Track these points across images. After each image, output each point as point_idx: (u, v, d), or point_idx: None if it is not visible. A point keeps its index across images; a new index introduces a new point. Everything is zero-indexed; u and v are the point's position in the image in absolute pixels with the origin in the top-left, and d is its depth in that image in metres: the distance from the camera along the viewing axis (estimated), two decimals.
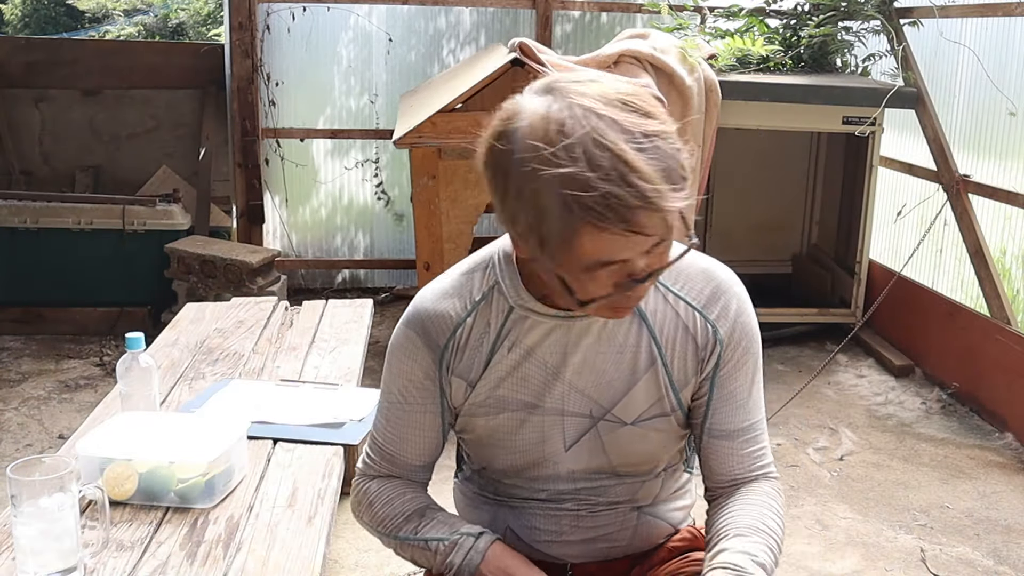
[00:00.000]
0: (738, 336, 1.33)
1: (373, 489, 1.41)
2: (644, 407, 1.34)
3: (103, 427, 1.72)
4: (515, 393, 1.33)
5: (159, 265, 4.39)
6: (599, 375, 1.32)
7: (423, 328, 1.34)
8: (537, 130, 1.07)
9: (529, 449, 1.36)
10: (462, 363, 1.33)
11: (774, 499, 1.36)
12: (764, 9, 4.60)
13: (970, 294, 4.08)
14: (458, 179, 3.61)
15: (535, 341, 1.31)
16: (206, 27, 12.36)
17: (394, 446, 1.40)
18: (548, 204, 1.07)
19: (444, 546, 1.33)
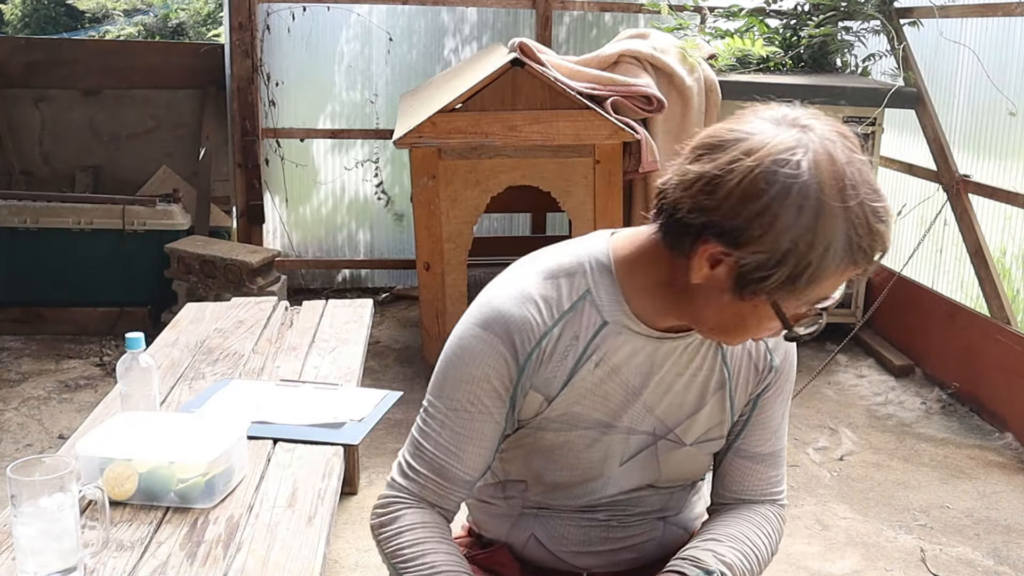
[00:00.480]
0: (787, 366, 1.36)
1: (408, 521, 1.29)
2: (704, 429, 1.35)
3: (103, 427, 1.72)
4: (592, 411, 1.28)
5: (159, 265, 4.39)
6: (673, 396, 1.31)
7: (507, 333, 1.23)
8: (825, 168, 1.05)
9: (591, 467, 1.33)
10: (543, 376, 1.25)
11: (770, 522, 1.38)
12: (764, 9, 4.60)
13: (970, 294, 4.08)
14: (458, 179, 3.61)
15: (622, 359, 1.26)
16: (206, 27, 12.36)
17: (448, 457, 1.29)
18: (832, 239, 1.05)
19: None
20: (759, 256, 1.06)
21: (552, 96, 3.55)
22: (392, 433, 3.43)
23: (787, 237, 1.05)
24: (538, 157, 3.62)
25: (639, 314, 1.24)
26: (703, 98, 3.82)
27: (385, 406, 2.08)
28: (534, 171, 3.64)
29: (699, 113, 3.81)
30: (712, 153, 1.08)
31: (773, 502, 1.41)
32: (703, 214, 1.08)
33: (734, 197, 1.06)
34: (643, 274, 1.22)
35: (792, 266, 1.06)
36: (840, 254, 1.05)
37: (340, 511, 2.84)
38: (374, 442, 3.33)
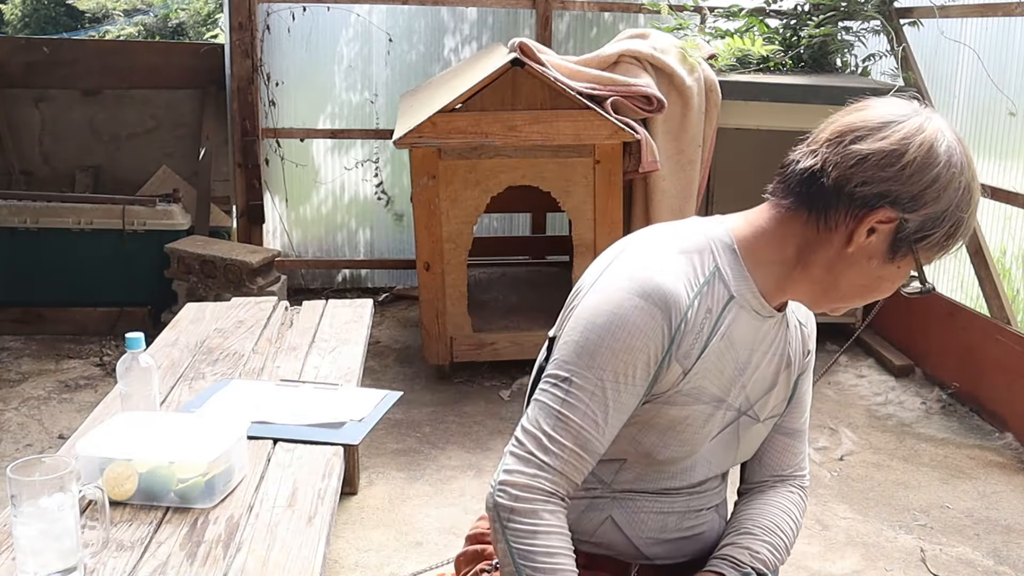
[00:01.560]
0: (814, 347, 1.50)
1: (551, 524, 1.26)
2: (773, 405, 1.44)
3: (103, 427, 1.72)
4: (711, 384, 1.33)
5: (159, 265, 4.39)
6: (760, 373, 1.39)
7: (665, 303, 1.25)
8: (962, 146, 1.29)
9: (696, 441, 1.37)
10: (684, 349, 1.29)
11: (797, 505, 1.50)
12: (764, 9, 4.59)
13: (970, 294, 4.08)
14: (458, 179, 3.61)
15: (738, 334, 1.33)
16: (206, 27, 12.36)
17: (595, 430, 1.27)
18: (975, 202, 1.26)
19: None
20: (928, 217, 1.23)
21: (552, 96, 3.55)
22: (392, 433, 3.43)
23: (951, 199, 1.23)
24: (538, 157, 3.62)
25: (763, 291, 1.33)
26: (703, 98, 3.82)
27: (385, 406, 2.08)
28: (534, 171, 3.64)
29: (699, 113, 3.81)
30: (877, 133, 1.24)
31: (800, 478, 1.52)
32: (879, 184, 1.22)
33: (914, 166, 1.22)
34: (767, 252, 1.32)
35: (950, 224, 1.23)
36: (975, 215, 1.26)
37: (340, 511, 2.84)
38: (374, 442, 3.33)
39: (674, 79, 3.77)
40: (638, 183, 3.87)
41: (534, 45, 3.59)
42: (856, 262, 1.26)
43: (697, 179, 3.87)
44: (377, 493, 3.05)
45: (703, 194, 4.02)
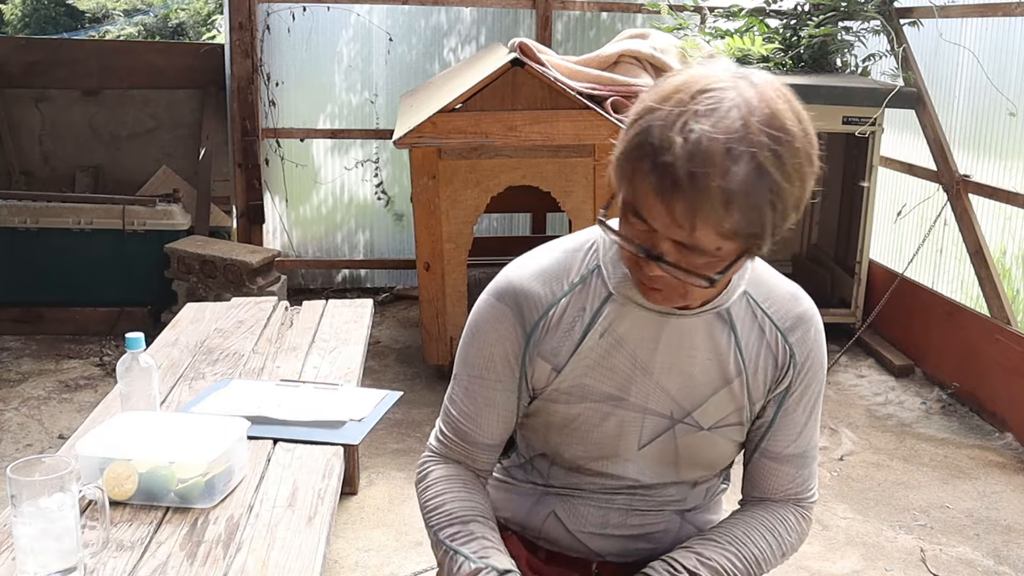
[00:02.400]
0: (811, 365, 1.35)
1: (435, 475, 1.41)
2: (723, 414, 1.35)
3: (103, 427, 1.72)
4: (601, 384, 1.32)
5: (159, 265, 4.39)
6: (687, 378, 1.32)
7: (516, 303, 1.31)
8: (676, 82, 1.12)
9: (604, 443, 1.36)
10: (549, 345, 1.31)
11: (784, 522, 1.39)
12: (764, 9, 4.60)
13: (970, 294, 4.08)
14: (458, 179, 3.61)
15: (627, 331, 1.29)
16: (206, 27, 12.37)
17: (469, 422, 1.38)
18: (635, 128, 1.09)
19: (467, 568, 1.29)
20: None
21: (552, 96, 3.55)
22: (392, 433, 3.43)
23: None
24: (538, 157, 3.62)
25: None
26: None
27: (385, 406, 2.08)
28: (534, 171, 3.64)
29: None
30: None
31: (797, 502, 1.42)
32: None
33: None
34: None
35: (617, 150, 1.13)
36: (635, 144, 1.08)
37: (340, 511, 2.84)
38: (374, 442, 3.34)
39: None
40: None
41: (534, 45, 3.60)
42: None
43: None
44: (377, 493, 3.05)
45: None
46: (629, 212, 1.13)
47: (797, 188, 1.08)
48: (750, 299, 1.33)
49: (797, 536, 1.41)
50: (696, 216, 1.05)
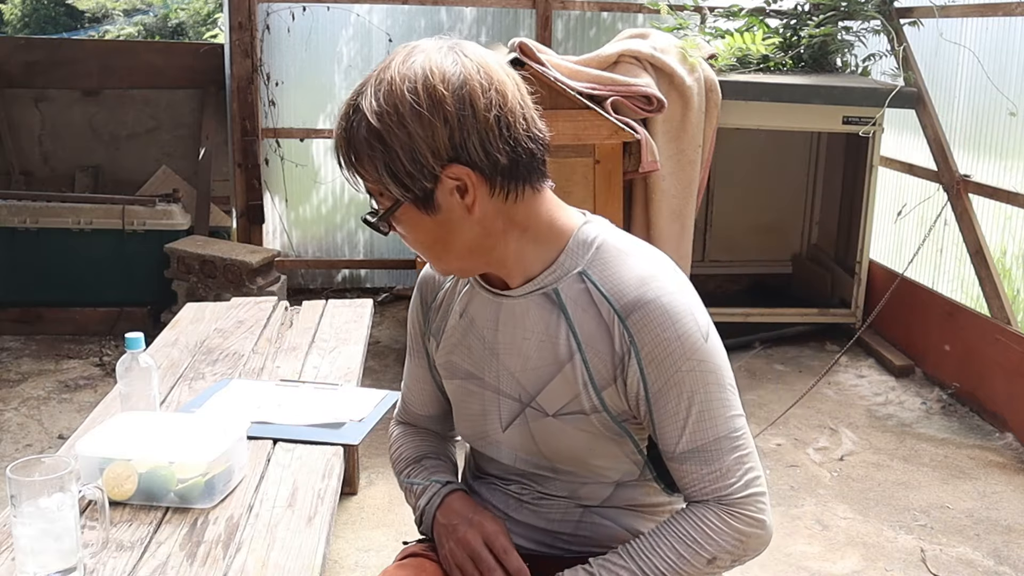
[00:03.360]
0: (663, 353, 1.26)
1: (394, 434, 1.62)
2: (564, 401, 1.32)
3: (103, 427, 1.72)
4: (463, 361, 1.42)
5: (159, 265, 4.39)
6: (525, 360, 1.34)
7: (419, 288, 1.50)
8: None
9: (474, 419, 1.45)
10: (434, 324, 1.47)
11: (697, 524, 1.29)
12: (764, 9, 4.59)
13: (970, 294, 4.08)
14: None
15: (476, 314, 1.39)
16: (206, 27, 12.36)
17: (408, 393, 1.59)
18: None
19: (419, 489, 1.50)
20: None
21: (552, 96, 3.55)
22: None
23: None
24: None
25: (482, 275, 1.39)
26: (703, 98, 3.82)
27: (385, 406, 2.08)
28: None
29: (699, 113, 3.81)
30: None
31: (718, 500, 1.29)
32: None
33: None
34: None
35: None
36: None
37: (340, 511, 2.84)
38: (374, 442, 3.33)
39: (674, 79, 3.77)
40: (638, 183, 3.87)
41: (534, 45, 3.59)
42: None
43: (697, 179, 3.87)
44: (377, 493, 3.05)
45: (703, 194, 4.02)
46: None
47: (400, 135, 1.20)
48: (588, 280, 1.29)
49: (728, 537, 1.29)
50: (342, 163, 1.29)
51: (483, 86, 1.20)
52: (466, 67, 1.21)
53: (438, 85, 1.19)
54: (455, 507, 1.44)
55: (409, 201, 1.24)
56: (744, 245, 4.96)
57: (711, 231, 4.91)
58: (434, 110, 1.18)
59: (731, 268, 4.95)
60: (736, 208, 4.92)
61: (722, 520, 1.29)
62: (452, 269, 1.37)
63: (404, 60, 1.22)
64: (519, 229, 1.29)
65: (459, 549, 1.40)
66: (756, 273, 5.00)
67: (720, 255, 4.94)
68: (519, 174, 1.25)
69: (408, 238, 1.31)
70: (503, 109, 1.21)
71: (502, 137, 1.21)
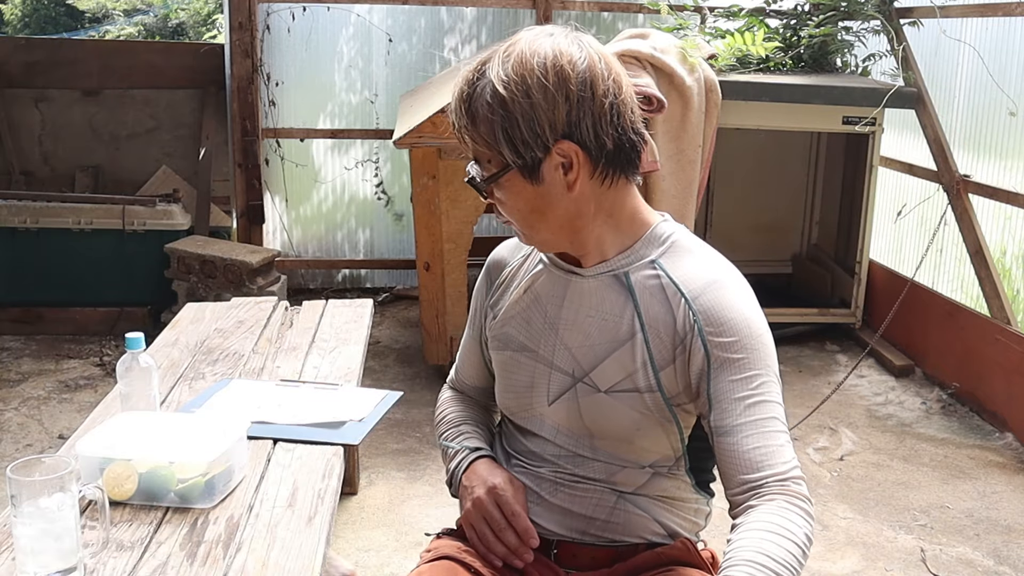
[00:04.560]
0: (728, 330, 1.31)
1: (443, 397, 1.71)
2: (619, 377, 1.38)
3: (103, 427, 1.72)
4: (518, 333, 1.47)
5: (159, 265, 4.39)
6: (585, 336, 1.40)
7: (487, 268, 1.58)
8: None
9: (521, 392, 1.47)
10: (497, 296, 1.54)
11: (784, 516, 1.24)
12: (764, 9, 4.60)
13: (970, 294, 4.08)
14: (458, 179, 3.61)
15: (542, 290, 1.45)
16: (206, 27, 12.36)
17: (459, 362, 1.68)
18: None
19: (451, 452, 1.57)
20: None
21: None
22: (392, 433, 3.43)
23: None
24: None
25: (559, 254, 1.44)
26: (703, 98, 3.82)
27: (385, 406, 2.08)
28: None
29: (699, 113, 3.81)
30: None
31: (781, 483, 1.26)
32: None
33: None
34: None
35: None
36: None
37: (340, 511, 2.84)
38: (374, 442, 3.34)
39: (674, 79, 3.77)
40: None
41: None
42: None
43: (697, 179, 3.87)
44: (377, 493, 3.05)
45: (703, 194, 4.02)
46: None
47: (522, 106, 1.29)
48: (658, 267, 1.39)
49: (804, 524, 1.24)
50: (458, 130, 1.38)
51: (603, 74, 1.30)
52: (590, 55, 1.31)
53: (565, 65, 1.29)
54: (479, 471, 1.50)
55: (517, 168, 1.32)
56: (744, 245, 4.96)
57: (711, 231, 4.91)
58: (559, 87, 1.28)
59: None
60: (736, 208, 4.92)
61: (792, 508, 1.25)
62: (538, 240, 1.41)
63: (533, 39, 1.32)
64: (605, 214, 1.37)
65: (474, 509, 1.47)
66: (756, 273, 4.97)
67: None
68: (619, 161, 1.34)
69: (506, 205, 1.37)
70: (617, 98, 1.31)
71: (612, 123, 1.31)
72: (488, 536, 1.46)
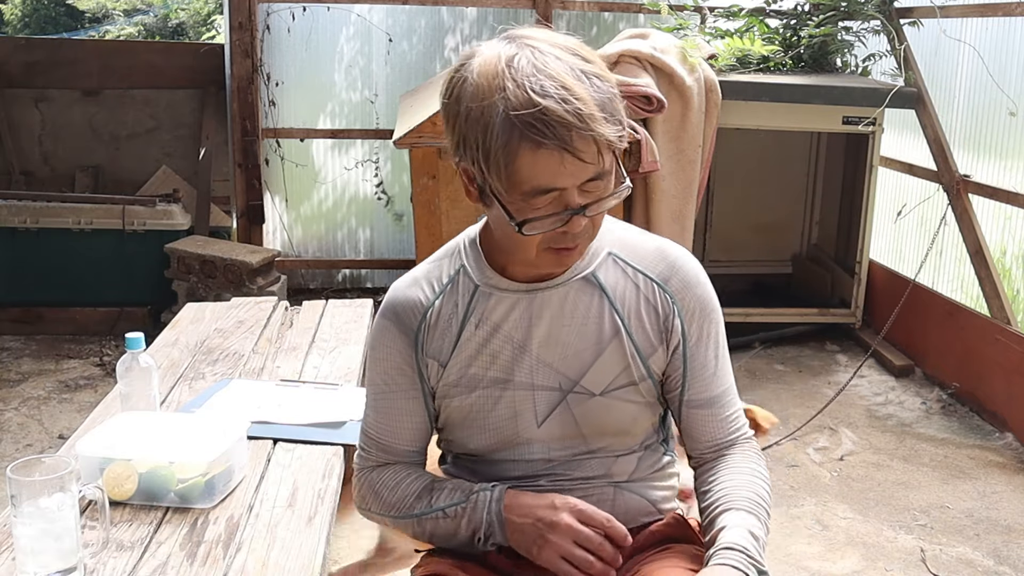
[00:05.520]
0: (698, 308, 1.41)
1: (376, 479, 1.48)
2: (611, 377, 1.38)
3: (103, 427, 1.72)
4: (486, 370, 1.39)
5: (159, 265, 4.39)
6: (564, 348, 1.37)
7: (395, 315, 1.42)
8: (489, 63, 1.21)
9: (503, 426, 1.41)
10: (433, 344, 1.40)
11: (757, 463, 1.43)
12: (764, 9, 4.60)
13: (970, 294, 4.08)
14: (458, 179, 3.59)
15: (500, 317, 1.38)
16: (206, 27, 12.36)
17: (387, 435, 1.47)
18: (493, 122, 1.18)
19: (461, 509, 1.38)
20: (461, 154, 1.25)
21: None
22: None
23: (459, 127, 1.23)
24: None
25: (499, 270, 1.38)
26: (703, 98, 3.82)
27: None
28: None
29: (699, 113, 3.81)
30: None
31: (743, 438, 1.45)
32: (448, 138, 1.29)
33: (443, 111, 1.27)
34: (490, 235, 1.39)
35: (473, 152, 1.22)
36: (503, 130, 1.18)
37: (340, 511, 2.84)
38: None
39: (674, 79, 3.77)
40: (638, 183, 3.87)
41: None
42: (488, 215, 1.33)
43: (697, 179, 3.87)
44: None
45: (703, 194, 4.02)
46: (530, 198, 1.22)
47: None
48: (617, 259, 1.41)
49: (765, 467, 1.44)
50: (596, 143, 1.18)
51: None
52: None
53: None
54: (525, 502, 1.36)
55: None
56: (744, 245, 4.96)
57: (711, 231, 4.91)
58: None
59: (731, 268, 4.95)
60: (736, 208, 4.92)
61: (759, 456, 1.45)
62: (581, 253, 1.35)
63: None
64: None
65: (563, 540, 1.32)
66: (756, 273, 5.00)
67: (720, 255, 4.94)
68: None
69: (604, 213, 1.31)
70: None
71: None
72: (588, 558, 1.32)
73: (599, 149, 1.19)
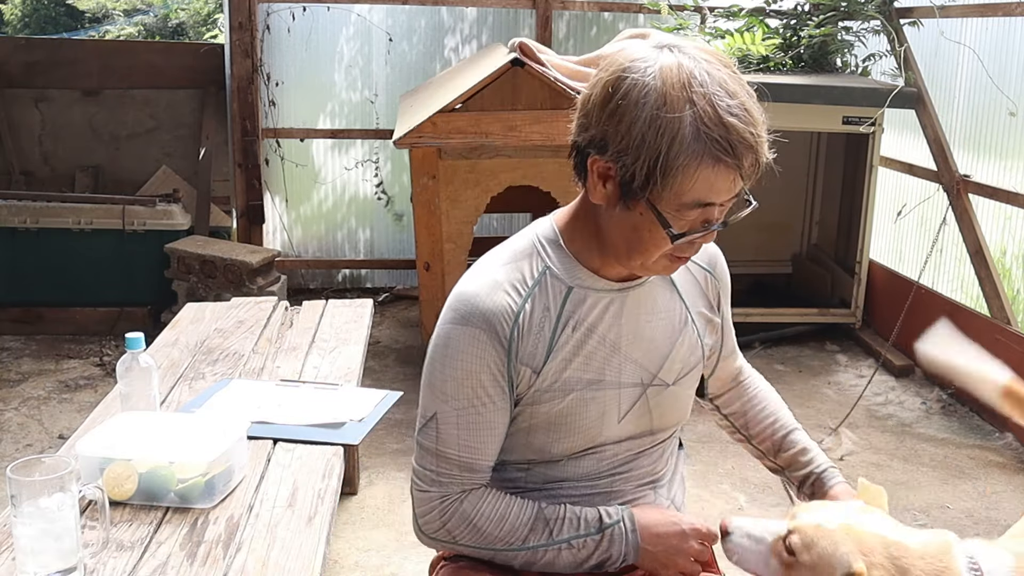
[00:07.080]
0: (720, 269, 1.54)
1: (469, 510, 1.37)
2: (682, 364, 1.44)
3: (103, 427, 1.72)
4: (581, 373, 1.36)
5: (159, 265, 4.39)
6: (648, 343, 1.40)
7: (486, 322, 1.31)
8: (671, 73, 1.19)
9: (590, 427, 1.38)
10: (527, 350, 1.33)
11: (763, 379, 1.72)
12: (764, 9, 4.60)
13: (970, 294, 4.08)
14: (458, 179, 3.61)
15: (596, 318, 1.36)
16: (206, 27, 12.36)
17: (473, 454, 1.36)
18: (678, 128, 1.17)
19: (593, 541, 1.37)
20: (623, 156, 1.20)
21: (552, 96, 3.55)
22: (392, 433, 3.43)
23: (635, 130, 1.19)
24: (538, 157, 3.62)
25: (594, 270, 1.36)
26: None
27: (385, 406, 2.08)
28: (534, 171, 3.64)
29: None
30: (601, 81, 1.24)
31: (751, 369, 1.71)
32: (583, 132, 1.26)
33: (595, 107, 1.23)
34: (581, 232, 1.36)
35: (646, 157, 1.19)
36: (690, 143, 1.18)
37: (340, 511, 2.84)
38: (374, 442, 3.33)
39: None
40: None
41: (534, 45, 3.59)
42: (611, 216, 1.28)
43: None
44: (377, 493, 3.05)
45: None
46: (686, 209, 1.22)
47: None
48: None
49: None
50: (758, 164, 1.22)
51: None
52: None
53: None
54: (656, 531, 1.40)
55: None
56: (744, 245, 4.95)
57: None
58: None
59: (731, 268, 4.92)
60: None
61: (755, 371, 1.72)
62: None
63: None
64: None
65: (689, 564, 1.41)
66: (756, 273, 5.00)
67: None
68: None
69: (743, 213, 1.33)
70: None
71: None
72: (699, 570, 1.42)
73: (756, 170, 1.23)
